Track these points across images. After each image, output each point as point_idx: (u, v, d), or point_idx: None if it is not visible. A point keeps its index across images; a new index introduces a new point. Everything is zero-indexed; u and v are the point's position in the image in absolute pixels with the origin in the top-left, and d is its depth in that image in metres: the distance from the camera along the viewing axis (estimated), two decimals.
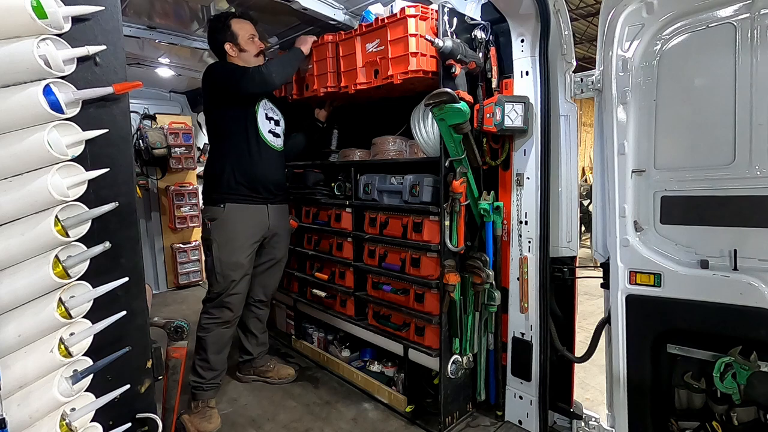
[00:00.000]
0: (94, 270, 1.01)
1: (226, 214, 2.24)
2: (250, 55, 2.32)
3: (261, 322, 2.65)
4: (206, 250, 2.30)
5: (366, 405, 2.39)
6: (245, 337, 2.63)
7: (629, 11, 1.68)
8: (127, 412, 1.13)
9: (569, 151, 1.96)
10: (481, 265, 2.04)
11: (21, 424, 0.93)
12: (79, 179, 0.97)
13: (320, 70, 2.45)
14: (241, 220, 2.28)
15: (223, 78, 2.22)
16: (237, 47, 2.29)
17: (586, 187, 6.33)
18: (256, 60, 2.34)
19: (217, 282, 2.24)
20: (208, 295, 2.31)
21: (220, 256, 2.23)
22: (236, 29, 2.27)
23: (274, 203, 2.43)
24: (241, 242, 2.29)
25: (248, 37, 2.30)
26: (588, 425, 1.99)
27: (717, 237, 1.58)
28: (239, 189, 2.27)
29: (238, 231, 2.27)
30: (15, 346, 0.93)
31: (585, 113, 10.17)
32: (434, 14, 1.97)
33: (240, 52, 2.30)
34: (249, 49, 2.31)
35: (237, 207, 2.26)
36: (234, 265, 2.25)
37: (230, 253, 2.25)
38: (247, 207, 2.29)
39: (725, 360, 1.51)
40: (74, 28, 0.97)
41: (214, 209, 2.25)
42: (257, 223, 2.35)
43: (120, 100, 1.06)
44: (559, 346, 2.00)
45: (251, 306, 2.57)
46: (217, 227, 2.24)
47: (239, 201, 2.27)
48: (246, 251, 2.31)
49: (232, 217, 2.25)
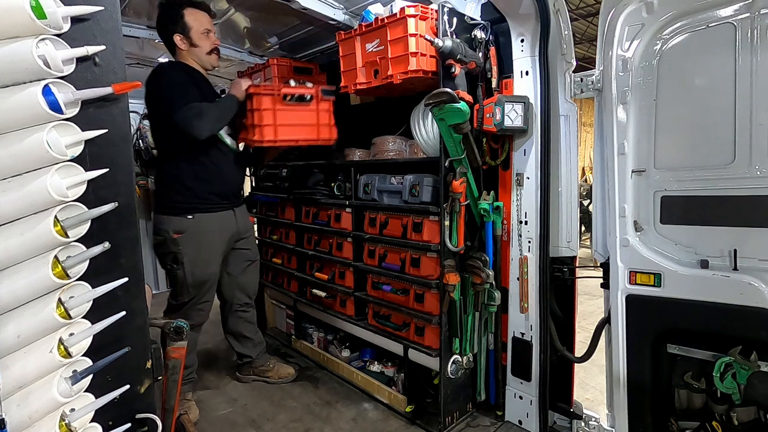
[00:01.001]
0: (94, 270, 1.01)
1: (196, 225, 2.13)
2: (202, 52, 2.16)
3: (251, 323, 2.62)
4: (171, 263, 2.13)
5: (366, 405, 2.39)
6: (239, 343, 2.60)
7: (629, 11, 1.68)
8: (126, 412, 1.13)
9: (569, 151, 1.96)
10: (481, 265, 2.04)
11: (20, 424, 0.93)
12: (78, 179, 0.97)
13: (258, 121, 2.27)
14: (211, 230, 2.19)
15: (159, 101, 2.06)
16: (188, 41, 2.12)
17: (586, 187, 6.33)
18: (209, 58, 2.20)
19: (188, 293, 2.16)
20: (173, 303, 2.22)
21: (193, 270, 2.13)
22: (190, 20, 2.09)
23: (238, 206, 2.37)
24: (214, 252, 2.23)
25: (203, 30, 2.13)
26: (588, 425, 1.99)
27: (717, 237, 1.58)
28: (209, 197, 2.17)
29: (210, 241, 2.19)
30: (14, 346, 0.93)
31: (585, 113, 10.17)
32: (434, 14, 1.97)
33: (191, 47, 2.14)
34: (201, 45, 2.15)
35: (207, 216, 2.17)
36: (207, 276, 2.19)
37: (204, 265, 2.17)
38: (215, 215, 2.21)
39: (725, 360, 1.51)
40: (73, 28, 0.97)
41: (180, 220, 2.11)
42: (228, 230, 2.29)
43: (119, 101, 1.06)
44: (559, 346, 2.00)
45: (237, 312, 2.54)
46: (187, 240, 2.11)
47: (209, 210, 2.18)
48: (218, 259, 2.26)
49: (202, 227, 2.15)
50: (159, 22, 2.15)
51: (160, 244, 2.15)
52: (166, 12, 2.11)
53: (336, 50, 2.35)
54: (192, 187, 2.13)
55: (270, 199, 3.22)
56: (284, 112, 2.29)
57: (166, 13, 2.11)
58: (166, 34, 2.14)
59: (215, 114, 2.08)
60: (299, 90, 2.33)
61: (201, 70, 2.24)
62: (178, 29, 2.10)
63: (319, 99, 2.40)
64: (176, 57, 2.21)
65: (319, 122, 2.42)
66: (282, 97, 2.27)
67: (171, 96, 2.00)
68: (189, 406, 2.25)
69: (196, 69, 2.21)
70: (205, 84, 2.24)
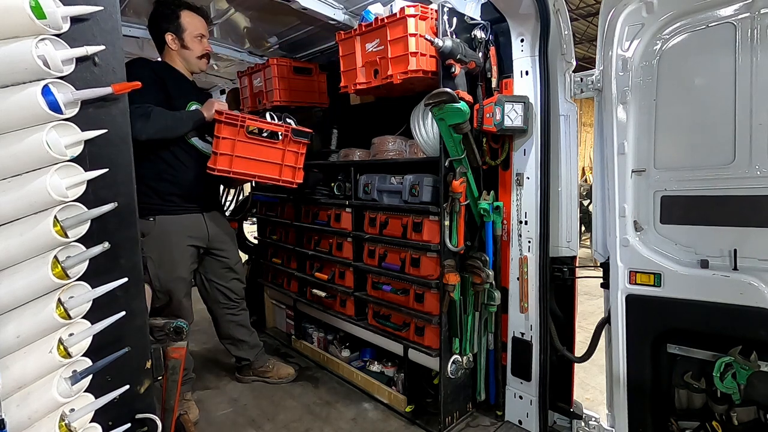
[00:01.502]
0: (94, 270, 1.01)
1: (158, 227, 2.07)
2: (192, 55, 2.15)
3: (244, 326, 2.57)
4: None
5: (366, 405, 2.39)
6: (236, 347, 2.58)
7: (629, 11, 1.68)
8: (126, 412, 1.13)
9: (569, 150, 1.96)
10: (481, 265, 2.04)
11: (20, 424, 0.93)
12: (78, 180, 0.97)
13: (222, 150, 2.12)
14: (176, 232, 2.13)
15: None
16: (179, 41, 2.10)
17: (586, 187, 6.33)
18: (198, 62, 2.19)
19: (158, 299, 2.11)
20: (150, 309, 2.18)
21: (158, 274, 2.07)
22: (185, 22, 2.09)
23: (209, 210, 2.31)
24: (180, 254, 2.15)
25: (196, 34, 2.13)
26: (588, 425, 1.99)
27: (717, 237, 1.58)
28: (171, 199, 2.11)
29: (175, 243, 2.13)
30: (14, 346, 0.93)
31: (585, 113, 10.17)
32: (434, 14, 1.97)
33: (181, 48, 2.12)
34: (193, 48, 2.14)
35: (170, 219, 2.11)
36: (176, 281, 2.13)
37: (170, 269, 2.11)
38: (182, 217, 2.15)
39: (725, 360, 1.51)
40: (73, 29, 0.97)
41: (143, 223, 2.00)
42: (195, 234, 2.22)
43: (119, 101, 1.06)
44: (559, 346, 2.00)
45: (227, 315, 2.50)
46: (150, 242, 2.04)
47: (172, 212, 2.12)
48: (186, 263, 2.18)
49: (165, 230, 2.09)
50: (153, 18, 2.12)
51: None
52: (162, 10, 2.10)
53: (336, 50, 2.35)
54: (155, 186, 2.08)
55: (270, 199, 3.22)
56: (246, 145, 2.13)
57: (161, 11, 2.10)
58: (158, 31, 2.12)
59: (164, 122, 1.99)
60: (264, 125, 2.17)
61: (186, 72, 2.22)
62: (171, 28, 2.09)
63: (289, 139, 2.24)
64: (163, 55, 2.19)
65: (283, 162, 2.26)
66: (245, 129, 2.11)
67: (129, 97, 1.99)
68: (189, 406, 2.25)
69: (178, 70, 2.19)
70: (183, 86, 2.19)
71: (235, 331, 2.55)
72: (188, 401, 2.27)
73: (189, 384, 2.32)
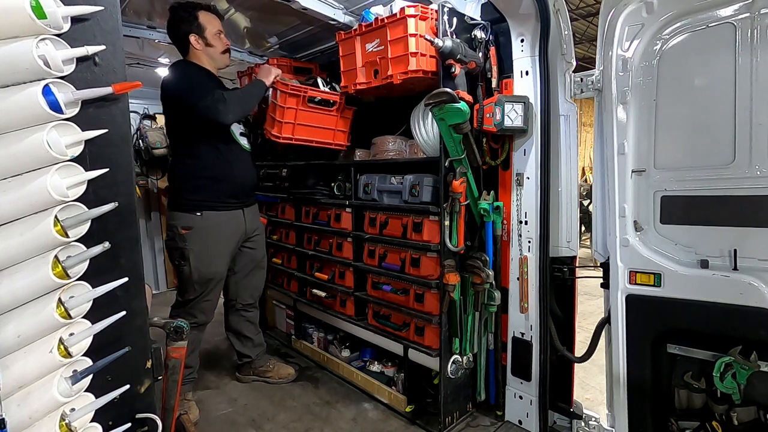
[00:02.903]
0: (94, 270, 1.01)
1: (204, 222, 2.16)
2: (217, 52, 2.23)
3: (253, 324, 2.63)
4: (179, 259, 2.16)
5: (366, 405, 2.39)
6: (240, 342, 2.61)
7: (629, 11, 1.68)
8: (126, 412, 1.13)
9: (569, 151, 1.96)
10: (481, 265, 2.04)
11: (21, 424, 0.93)
12: (78, 179, 0.97)
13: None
14: (219, 228, 2.21)
15: (179, 94, 2.09)
16: (203, 40, 2.18)
17: (586, 187, 6.33)
18: (222, 58, 2.27)
19: (194, 290, 2.19)
20: (179, 300, 2.26)
21: (199, 267, 2.16)
22: (204, 21, 2.16)
23: (248, 206, 2.39)
24: (221, 250, 2.24)
25: (216, 32, 2.21)
26: (588, 425, 1.99)
27: (717, 237, 1.58)
28: (218, 196, 2.20)
29: (217, 239, 2.21)
30: (14, 346, 0.93)
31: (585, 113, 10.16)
32: (434, 14, 1.97)
33: (206, 47, 2.20)
34: (216, 45, 2.22)
35: (215, 214, 2.19)
36: (213, 274, 2.21)
37: (209, 263, 2.19)
38: (224, 214, 2.24)
39: (725, 360, 1.51)
40: (73, 28, 0.97)
41: (189, 217, 2.14)
42: (235, 230, 2.31)
43: (119, 100, 1.06)
44: (559, 346, 2.00)
45: (240, 311, 2.55)
46: (194, 237, 2.14)
47: (218, 208, 2.20)
48: (225, 259, 2.27)
49: (210, 225, 2.17)
50: (172, 23, 2.19)
51: (170, 239, 2.20)
52: (179, 14, 2.17)
53: (336, 50, 2.35)
54: (202, 184, 2.17)
55: (270, 199, 3.22)
56: (306, 113, 2.39)
57: (179, 15, 2.17)
58: (180, 34, 2.18)
59: (240, 99, 2.14)
60: (323, 95, 2.42)
61: (213, 70, 2.29)
62: (193, 30, 2.16)
63: (342, 107, 2.50)
64: (188, 58, 2.25)
65: (336, 127, 2.52)
66: (307, 100, 2.35)
67: (191, 86, 2.08)
68: (189, 406, 2.25)
69: (207, 68, 2.26)
70: (215, 82, 2.27)
71: (244, 327, 2.59)
72: (189, 401, 2.28)
73: (191, 384, 2.33)
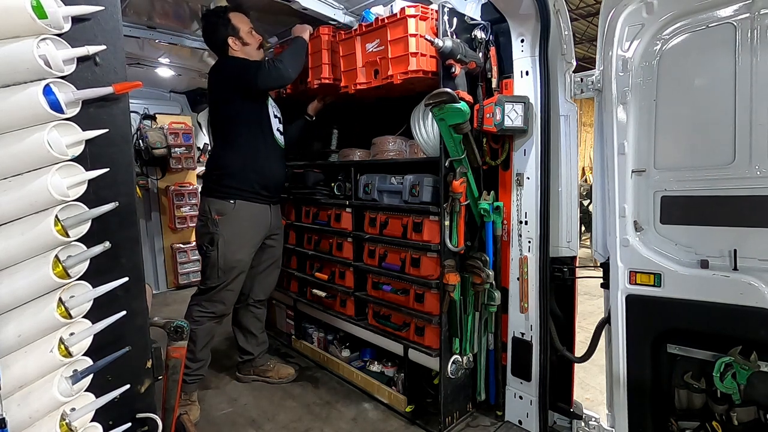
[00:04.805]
0: (94, 270, 1.01)
1: (236, 210, 2.24)
2: (253, 48, 2.32)
3: (260, 321, 2.67)
4: (207, 244, 2.24)
5: (366, 405, 2.39)
6: (244, 338, 2.63)
7: (629, 11, 1.68)
8: (127, 412, 1.13)
9: (569, 151, 1.96)
10: (481, 265, 2.04)
11: (21, 423, 0.93)
12: (79, 179, 0.97)
13: (315, 63, 2.45)
14: (248, 219, 2.29)
15: (237, 73, 2.20)
16: (240, 41, 2.27)
17: (586, 187, 6.33)
18: (257, 53, 2.34)
19: (217, 277, 2.24)
20: (201, 288, 2.31)
21: (226, 252, 2.22)
22: (236, 23, 2.25)
23: (275, 203, 2.46)
24: (247, 240, 2.31)
25: (248, 29, 2.29)
26: (588, 425, 1.99)
27: (717, 237, 1.58)
28: (252, 186, 2.28)
29: (246, 228, 2.28)
30: (15, 346, 0.93)
31: (585, 113, 10.16)
32: (434, 14, 1.97)
33: (243, 46, 2.28)
34: (251, 42, 2.30)
35: (246, 205, 2.27)
36: (237, 262, 2.27)
37: (235, 250, 2.26)
38: (255, 206, 2.30)
39: (725, 360, 1.51)
40: (74, 28, 0.97)
41: (223, 203, 2.22)
42: (262, 223, 2.38)
43: (120, 100, 1.06)
44: (559, 346, 2.00)
45: (250, 306, 2.59)
46: (225, 222, 2.22)
47: (250, 199, 2.28)
48: (250, 250, 2.33)
49: (241, 214, 2.25)
50: (207, 31, 2.29)
51: (202, 224, 2.27)
52: (213, 20, 2.25)
53: None
54: (239, 174, 2.24)
55: None
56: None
57: (213, 21, 2.25)
58: (218, 39, 2.26)
59: (292, 56, 2.22)
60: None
61: None
62: (229, 32, 2.24)
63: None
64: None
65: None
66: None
67: (247, 64, 2.20)
68: (190, 406, 2.25)
69: None
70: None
71: (250, 323, 2.62)
72: (192, 402, 2.27)
73: (197, 384, 2.32)
